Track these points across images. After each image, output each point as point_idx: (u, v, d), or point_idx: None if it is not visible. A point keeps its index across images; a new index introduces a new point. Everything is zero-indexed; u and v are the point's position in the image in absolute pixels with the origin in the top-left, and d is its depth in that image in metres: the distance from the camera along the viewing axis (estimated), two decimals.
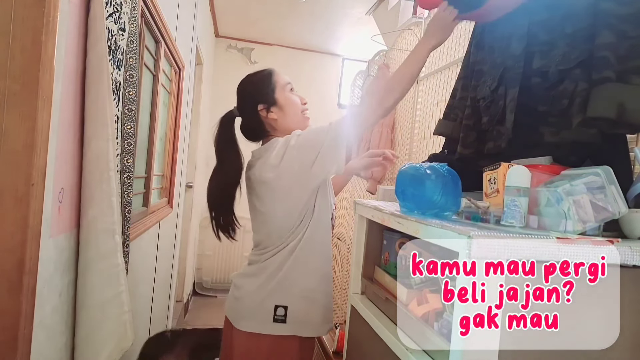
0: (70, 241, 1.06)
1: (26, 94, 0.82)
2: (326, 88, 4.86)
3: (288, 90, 1.32)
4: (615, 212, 0.82)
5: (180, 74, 2.63)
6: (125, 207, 1.29)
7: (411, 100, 2.26)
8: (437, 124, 1.41)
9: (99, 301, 1.08)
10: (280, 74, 1.34)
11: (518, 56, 1.07)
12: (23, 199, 0.82)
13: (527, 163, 0.96)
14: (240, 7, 3.79)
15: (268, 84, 1.31)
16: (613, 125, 0.88)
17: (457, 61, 1.75)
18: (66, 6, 0.93)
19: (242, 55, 4.71)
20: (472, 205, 0.99)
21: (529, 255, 0.73)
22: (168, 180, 2.62)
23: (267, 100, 1.30)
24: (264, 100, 1.30)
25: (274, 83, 1.31)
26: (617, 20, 0.88)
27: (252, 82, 1.33)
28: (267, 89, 1.30)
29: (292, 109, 1.31)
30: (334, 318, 2.94)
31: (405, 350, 0.93)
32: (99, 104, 1.05)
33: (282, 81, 1.32)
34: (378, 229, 1.31)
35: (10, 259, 0.82)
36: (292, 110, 1.31)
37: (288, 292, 1.23)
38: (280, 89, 1.31)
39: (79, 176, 1.08)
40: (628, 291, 0.80)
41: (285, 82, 1.32)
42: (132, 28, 1.28)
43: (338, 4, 3.49)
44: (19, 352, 0.83)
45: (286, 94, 1.31)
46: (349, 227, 2.88)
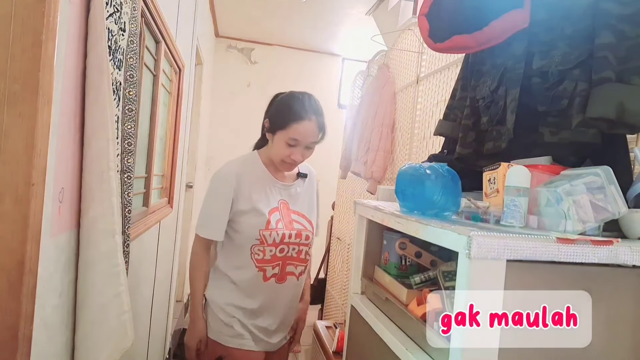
0: (70, 241, 1.06)
1: (26, 94, 0.82)
2: (326, 88, 4.86)
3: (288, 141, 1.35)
4: (615, 212, 0.82)
5: (181, 74, 2.63)
6: (125, 207, 1.29)
7: (411, 100, 2.26)
8: (437, 125, 1.41)
9: (99, 301, 1.08)
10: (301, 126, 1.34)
11: (519, 56, 1.07)
12: (23, 199, 0.82)
13: (527, 163, 0.96)
14: (240, 7, 3.79)
15: (283, 118, 1.36)
16: (613, 125, 0.88)
17: (457, 61, 1.75)
18: (66, 6, 0.93)
19: (242, 55, 4.71)
20: (472, 205, 0.99)
21: (529, 255, 0.73)
22: (168, 180, 2.62)
23: (270, 124, 1.40)
24: (270, 120, 1.41)
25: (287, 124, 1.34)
26: (616, 21, 0.88)
27: (281, 102, 1.40)
28: (278, 119, 1.37)
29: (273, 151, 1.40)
30: (334, 318, 2.94)
31: (405, 350, 0.94)
32: (99, 104, 1.05)
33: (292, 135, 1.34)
34: (378, 229, 1.31)
35: (10, 259, 0.81)
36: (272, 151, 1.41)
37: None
38: (284, 134, 1.35)
39: (79, 176, 1.08)
40: (628, 291, 0.81)
41: (293, 138, 1.34)
42: (133, 28, 1.28)
43: (338, 4, 3.49)
44: (19, 352, 0.83)
45: (281, 142, 1.36)
46: (349, 227, 2.88)
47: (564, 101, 0.96)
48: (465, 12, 1.16)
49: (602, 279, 0.80)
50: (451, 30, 1.16)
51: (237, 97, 4.66)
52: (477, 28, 1.09)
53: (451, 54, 1.74)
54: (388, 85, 2.48)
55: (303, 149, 1.37)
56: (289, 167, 1.43)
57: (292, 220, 1.44)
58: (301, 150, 1.36)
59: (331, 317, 3.06)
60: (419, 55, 2.21)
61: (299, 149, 1.36)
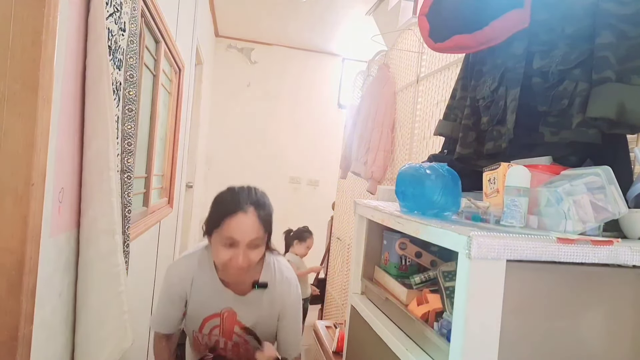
0: (70, 241, 1.06)
1: (26, 94, 0.82)
2: (326, 88, 4.86)
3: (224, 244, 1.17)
4: (615, 212, 0.82)
5: (181, 74, 2.63)
6: (125, 207, 1.29)
7: (411, 100, 2.26)
8: (437, 125, 1.41)
9: (99, 301, 1.08)
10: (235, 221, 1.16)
11: (519, 56, 1.07)
12: (23, 199, 0.82)
13: (527, 163, 0.96)
14: (240, 7, 3.79)
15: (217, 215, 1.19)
16: (613, 125, 0.88)
17: (457, 61, 1.75)
18: (66, 6, 0.93)
19: (242, 55, 4.72)
20: (472, 205, 0.99)
21: (529, 255, 0.73)
22: (168, 180, 2.62)
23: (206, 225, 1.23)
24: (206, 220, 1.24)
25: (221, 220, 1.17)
26: (617, 21, 0.88)
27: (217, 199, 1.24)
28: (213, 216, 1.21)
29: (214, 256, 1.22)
30: (334, 318, 2.94)
31: (405, 350, 0.93)
32: (99, 104, 1.05)
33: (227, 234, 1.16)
34: (378, 229, 1.31)
35: (10, 259, 0.81)
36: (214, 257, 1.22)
37: None
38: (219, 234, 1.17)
39: (79, 176, 1.08)
40: (628, 291, 0.81)
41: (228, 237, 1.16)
42: (133, 28, 1.28)
43: (338, 4, 3.49)
44: (19, 352, 0.83)
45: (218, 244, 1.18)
46: (349, 227, 2.88)
47: (564, 101, 0.96)
48: (466, 12, 1.16)
49: (602, 279, 0.80)
50: (451, 30, 1.16)
51: (237, 97, 4.66)
52: (477, 28, 1.09)
53: (451, 54, 1.74)
54: (388, 85, 2.48)
55: (245, 249, 1.16)
56: (236, 275, 1.21)
57: (234, 332, 1.30)
58: (243, 252, 1.15)
59: (331, 317, 3.06)
60: (419, 55, 2.21)
61: (240, 250, 1.15)
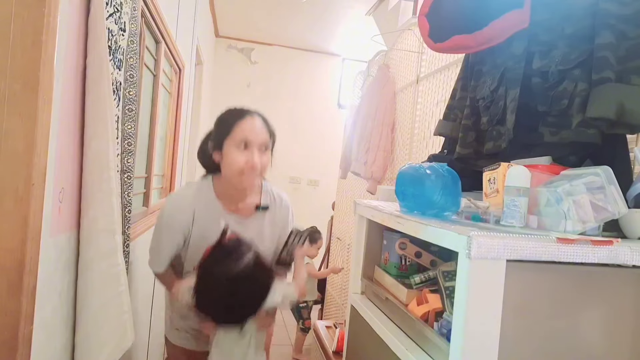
0: (70, 241, 1.06)
1: (26, 94, 0.82)
2: (326, 88, 4.86)
3: (238, 146, 1.21)
4: (615, 212, 0.82)
5: (181, 74, 2.63)
6: (125, 207, 1.29)
7: (411, 100, 2.26)
8: (437, 125, 1.41)
9: (99, 301, 1.08)
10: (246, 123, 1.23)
11: (519, 56, 1.07)
12: (23, 199, 0.82)
13: (527, 163, 0.96)
14: (240, 7, 3.79)
15: (226, 124, 1.25)
16: (613, 125, 0.88)
17: (457, 61, 1.75)
18: (66, 6, 0.93)
19: (242, 55, 4.72)
20: (472, 205, 0.99)
21: (529, 255, 0.73)
22: (168, 180, 2.62)
23: (215, 140, 1.28)
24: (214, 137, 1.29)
25: (231, 126, 1.23)
26: (616, 21, 0.88)
27: (219, 118, 1.30)
28: (221, 128, 1.26)
29: (227, 166, 1.24)
30: (334, 318, 2.94)
31: (405, 350, 0.94)
32: (99, 104, 1.05)
33: (240, 136, 1.21)
34: (378, 229, 1.31)
35: (10, 259, 0.82)
36: (227, 167, 1.24)
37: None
38: (231, 139, 1.22)
39: (79, 176, 1.08)
40: (628, 291, 0.81)
41: (242, 139, 1.21)
42: (133, 28, 1.28)
43: (338, 4, 3.49)
44: (19, 352, 0.83)
45: (232, 148, 1.22)
46: (349, 227, 2.88)
47: (564, 101, 0.96)
48: (466, 12, 1.16)
49: (602, 279, 0.80)
50: (451, 30, 1.16)
51: (237, 97, 4.66)
52: (477, 28, 1.09)
53: (451, 54, 1.74)
54: (388, 85, 2.48)
55: (258, 151, 1.22)
56: (251, 179, 1.25)
57: None
58: (257, 153, 1.22)
59: (331, 317, 3.06)
60: (419, 55, 2.21)
61: (254, 150, 1.21)
